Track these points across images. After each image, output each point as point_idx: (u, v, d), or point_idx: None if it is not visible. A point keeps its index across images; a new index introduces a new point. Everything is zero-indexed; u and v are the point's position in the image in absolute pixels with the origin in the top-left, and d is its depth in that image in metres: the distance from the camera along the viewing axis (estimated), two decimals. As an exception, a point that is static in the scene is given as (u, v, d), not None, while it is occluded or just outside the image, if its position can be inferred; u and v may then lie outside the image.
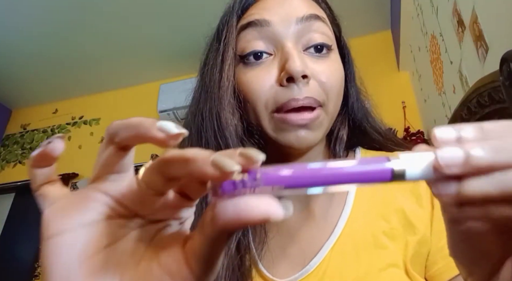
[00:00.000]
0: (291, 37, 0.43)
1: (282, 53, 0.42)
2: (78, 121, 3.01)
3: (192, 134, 0.46)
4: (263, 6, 0.45)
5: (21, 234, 2.64)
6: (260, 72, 0.42)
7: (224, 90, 0.44)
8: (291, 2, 0.45)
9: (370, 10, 2.33)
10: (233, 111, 0.43)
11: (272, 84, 0.42)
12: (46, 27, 2.34)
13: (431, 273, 0.42)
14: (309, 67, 0.42)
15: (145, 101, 2.85)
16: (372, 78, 2.73)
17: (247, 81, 0.43)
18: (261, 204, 0.16)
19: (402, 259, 0.42)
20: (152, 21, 2.34)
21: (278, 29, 0.43)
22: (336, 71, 0.45)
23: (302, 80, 0.40)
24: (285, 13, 0.43)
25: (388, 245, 0.43)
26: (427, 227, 0.43)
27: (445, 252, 0.41)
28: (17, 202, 2.81)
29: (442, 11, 1.27)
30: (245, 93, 0.43)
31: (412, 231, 0.43)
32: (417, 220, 0.44)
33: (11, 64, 2.67)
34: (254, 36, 0.43)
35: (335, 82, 0.44)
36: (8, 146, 3.06)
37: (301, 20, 0.43)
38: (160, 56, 2.65)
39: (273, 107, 0.42)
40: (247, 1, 0.46)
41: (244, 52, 0.44)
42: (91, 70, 2.79)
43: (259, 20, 0.43)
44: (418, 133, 1.98)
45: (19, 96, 3.06)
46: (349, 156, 0.50)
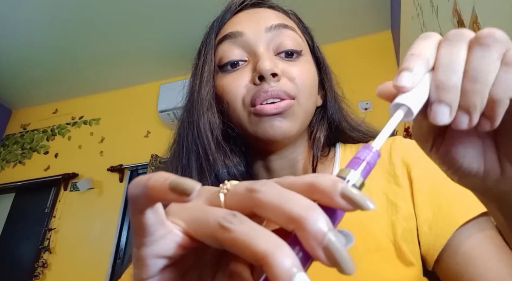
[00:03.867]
0: (262, 43, 0.47)
1: (255, 57, 0.47)
2: (78, 121, 3.01)
3: (177, 141, 0.51)
4: (236, 20, 0.51)
5: (21, 234, 2.64)
6: (236, 76, 0.47)
7: (203, 99, 0.48)
8: (261, 14, 0.50)
9: (370, 10, 2.33)
10: (212, 117, 0.48)
11: (247, 83, 0.46)
12: (46, 28, 2.34)
13: (425, 247, 0.42)
14: (280, 67, 0.46)
15: (145, 101, 2.85)
16: (372, 78, 2.74)
17: (225, 85, 0.48)
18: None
19: (391, 240, 0.43)
20: (152, 21, 2.34)
21: (250, 37, 0.48)
22: (306, 70, 0.48)
23: (272, 78, 0.44)
24: (255, 24, 0.49)
25: (372, 228, 0.44)
26: (409, 204, 0.44)
27: (430, 222, 0.42)
28: (17, 202, 2.81)
29: (442, 11, 1.27)
30: (224, 95, 0.47)
31: (394, 210, 0.44)
32: (398, 199, 0.45)
33: (11, 64, 2.67)
34: (230, 47, 0.48)
35: (306, 79, 0.48)
36: (8, 146, 3.06)
37: (270, 29, 0.48)
38: (160, 56, 2.66)
39: (249, 102, 0.45)
40: (223, 18, 0.52)
41: (222, 62, 0.48)
42: (91, 70, 2.79)
43: (233, 32, 0.49)
44: (418, 133, 1.98)
45: (19, 96, 3.06)
46: (330, 152, 0.54)
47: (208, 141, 0.47)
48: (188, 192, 0.18)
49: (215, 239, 0.19)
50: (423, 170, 0.45)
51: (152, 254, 0.21)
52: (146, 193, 0.19)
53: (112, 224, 2.49)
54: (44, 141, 3.00)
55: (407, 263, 0.41)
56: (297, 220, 0.18)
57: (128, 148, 2.73)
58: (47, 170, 2.84)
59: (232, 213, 0.19)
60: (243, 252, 0.18)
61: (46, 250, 2.48)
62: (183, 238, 0.21)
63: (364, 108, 2.24)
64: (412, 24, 1.79)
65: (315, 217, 0.17)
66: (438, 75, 0.23)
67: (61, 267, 2.44)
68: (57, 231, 2.56)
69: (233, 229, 0.18)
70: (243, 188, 0.20)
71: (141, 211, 0.20)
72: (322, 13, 2.28)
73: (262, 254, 0.17)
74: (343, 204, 0.18)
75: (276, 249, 0.17)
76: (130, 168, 2.68)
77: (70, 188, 2.71)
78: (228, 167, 0.47)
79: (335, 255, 0.17)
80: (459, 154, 0.27)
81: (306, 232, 0.17)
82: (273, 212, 0.18)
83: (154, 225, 0.20)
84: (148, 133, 2.75)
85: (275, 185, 0.19)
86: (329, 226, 0.17)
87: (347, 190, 0.18)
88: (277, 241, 0.17)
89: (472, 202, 0.40)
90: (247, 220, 0.18)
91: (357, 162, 0.21)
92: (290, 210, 0.18)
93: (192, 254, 0.22)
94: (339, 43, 2.46)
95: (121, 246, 2.45)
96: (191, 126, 0.49)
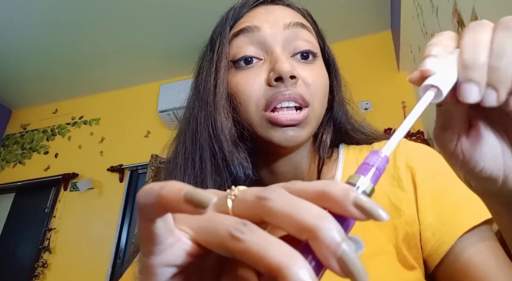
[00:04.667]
0: (279, 43, 0.46)
1: (272, 57, 0.45)
2: (78, 121, 3.01)
3: (186, 140, 0.48)
4: (253, 15, 0.49)
5: (21, 234, 2.64)
6: (251, 75, 0.45)
7: (219, 96, 0.46)
8: (279, 11, 0.49)
9: (370, 10, 2.33)
10: (227, 116, 0.46)
11: (262, 84, 0.45)
12: (47, 28, 2.35)
13: (427, 252, 0.42)
14: (297, 70, 0.45)
15: (145, 101, 2.85)
16: (372, 78, 2.73)
17: (238, 83, 0.46)
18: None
19: (393, 244, 0.43)
20: (152, 21, 2.34)
21: (267, 33, 0.46)
22: (321, 76, 0.48)
23: (290, 80, 0.43)
24: (273, 20, 0.47)
25: (375, 232, 0.43)
26: (412, 208, 0.44)
27: (434, 227, 0.42)
28: (17, 202, 2.81)
29: (442, 11, 1.27)
30: (237, 95, 0.46)
31: (397, 214, 0.44)
32: (401, 203, 0.45)
33: (11, 64, 2.67)
34: (245, 42, 0.47)
35: (320, 85, 0.47)
36: (8, 146, 3.06)
37: (288, 26, 0.47)
38: (160, 56, 2.66)
39: (263, 104, 0.44)
40: (240, 12, 0.50)
41: (236, 57, 0.47)
42: (91, 70, 2.79)
43: (250, 27, 0.47)
44: (418, 133, 1.98)
45: (19, 96, 3.06)
46: (334, 153, 0.54)
47: (226, 140, 0.45)
48: (204, 204, 0.17)
49: (226, 249, 0.19)
50: (428, 174, 0.45)
51: (161, 263, 0.20)
52: (159, 203, 0.18)
53: (112, 224, 2.49)
54: (44, 141, 3.00)
55: (409, 267, 0.41)
56: (311, 229, 0.17)
57: (128, 148, 2.73)
58: (47, 170, 2.84)
59: (242, 222, 0.19)
60: (256, 263, 0.17)
61: (46, 250, 2.48)
62: (192, 246, 0.21)
63: (364, 108, 2.24)
64: (412, 24, 1.79)
65: (328, 226, 0.17)
66: (465, 55, 0.24)
67: (61, 267, 2.44)
68: (57, 231, 2.56)
69: (244, 239, 0.18)
70: (252, 196, 0.19)
71: (151, 219, 0.19)
72: (322, 13, 2.27)
73: (277, 266, 0.16)
74: (356, 214, 0.18)
75: (290, 260, 0.16)
76: (130, 168, 2.68)
77: (70, 188, 2.71)
78: (244, 167, 0.45)
79: (349, 266, 0.17)
80: (483, 153, 0.27)
81: (320, 242, 0.17)
82: (285, 221, 0.18)
83: (163, 234, 0.20)
84: (148, 133, 2.75)
85: (285, 193, 0.19)
86: (342, 236, 0.17)
87: (359, 199, 0.18)
88: (291, 252, 0.17)
89: (476, 209, 0.40)
90: (258, 229, 0.18)
91: (366, 168, 0.21)
92: (302, 219, 0.18)
93: (196, 260, 0.22)
94: (339, 43, 2.46)
95: (121, 246, 2.45)
96: (207, 123, 0.46)
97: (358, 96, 1.71)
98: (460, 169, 0.29)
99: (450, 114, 0.27)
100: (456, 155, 0.28)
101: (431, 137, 1.92)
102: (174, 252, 0.20)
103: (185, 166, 0.47)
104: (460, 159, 0.28)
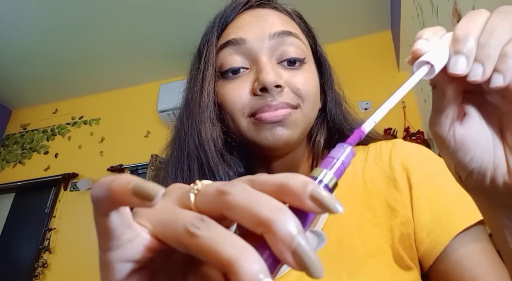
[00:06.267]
0: (265, 52, 0.46)
1: (257, 66, 0.46)
2: (78, 121, 3.01)
3: (175, 149, 0.50)
4: (239, 24, 0.49)
5: (21, 234, 2.64)
6: (237, 85, 0.46)
7: (204, 106, 0.47)
8: (265, 20, 0.49)
9: (370, 10, 2.33)
10: (213, 125, 0.47)
11: (247, 93, 0.45)
12: (46, 28, 2.34)
13: (421, 253, 0.42)
14: (283, 77, 0.45)
15: (145, 101, 2.85)
16: (372, 78, 2.73)
17: (225, 93, 0.47)
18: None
19: (389, 245, 0.43)
20: (152, 21, 2.34)
21: (253, 45, 0.47)
22: (310, 79, 0.48)
23: (275, 89, 0.44)
24: (259, 30, 0.47)
25: (372, 232, 0.44)
26: (407, 209, 0.44)
27: (428, 228, 0.42)
28: (17, 202, 2.81)
29: (442, 11, 1.27)
30: (224, 103, 0.47)
31: (393, 215, 0.44)
32: (396, 203, 0.45)
33: (11, 64, 2.67)
34: (231, 53, 0.47)
35: (310, 89, 0.47)
36: (8, 146, 3.06)
37: (274, 36, 0.47)
38: (160, 56, 2.66)
39: (249, 113, 0.45)
40: (225, 21, 0.50)
41: (223, 68, 0.47)
42: (91, 70, 2.79)
43: (236, 39, 0.47)
44: (418, 133, 1.98)
45: (19, 96, 3.06)
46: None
47: (210, 150, 0.46)
48: (151, 197, 0.17)
49: (182, 245, 0.18)
50: (423, 175, 0.45)
51: (119, 259, 0.20)
52: (109, 196, 0.18)
53: (112, 224, 2.49)
54: (44, 141, 3.00)
55: (406, 267, 0.42)
56: (266, 223, 0.17)
57: (128, 148, 2.73)
58: (47, 170, 2.84)
59: (200, 217, 0.18)
60: (208, 259, 0.17)
61: (46, 250, 2.48)
62: (151, 241, 0.20)
63: (364, 108, 2.24)
64: (412, 24, 1.79)
65: (284, 219, 0.17)
66: (457, 30, 0.26)
67: (61, 267, 2.44)
68: (57, 231, 2.56)
69: (199, 235, 0.17)
70: (214, 189, 0.19)
71: (105, 214, 0.19)
72: (322, 13, 2.27)
73: (227, 261, 0.16)
74: (312, 207, 0.18)
75: (241, 255, 0.16)
76: (130, 168, 2.68)
77: (70, 188, 2.71)
78: (230, 176, 0.46)
79: (304, 259, 0.16)
80: (475, 142, 0.27)
81: (274, 235, 0.17)
82: (242, 215, 0.18)
83: (119, 228, 0.19)
84: (148, 133, 2.75)
85: (246, 187, 0.19)
86: (299, 229, 0.17)
87: (316, 192, 0.18)
88: (244, 246, 0.16)
89: (470, 210, 0.41)
90: (215, 225, 0.18)
91: (330, 162, 0.20)
92: (259, 213, 0.17)
93: (162, 255, 0.21)
94: (339, 43, 2.46)
95: (121, 246, 2.45)
96: (192, 133, 0.47)
97: (358, 96, 1.72)
98: (450, 158, 0.29)
99: (443, 96, 0.28)
100: (448, 141, 0.28)
101: (431, 137, 1.91)
102: (133, 247, 0.20)
103: (175, 174, 0.48)
104: (452, 145, 0.28)
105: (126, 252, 0.20)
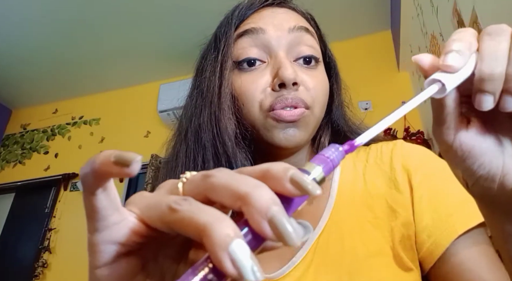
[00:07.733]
0: (283, 47, 0.46)
1: (275, 61, 0.46)
2: (78, 121, 3.01)
3: (188, 139, 0.48)
4: (258, 16, 0.49)
5: (21, 234, 2.64)
6: (255, 77, 0.46)
7: (224, 96, 0.46)
8: (284, 14, 0.49)
9: (370, 10, 2.33)
10: (230, 117, 0.46)
11: (265, 87, 0.45)
12: (47, 28, 2.34)
13: (422, 254, 0.42)
14: (299, 76, 0.45)
15: (145, 101, 2.85)
16: (372, 78, 2.72)
17: (242, 85, 0.46)
18: None
19: (390, 246, 0.43)
20: (152, 21, 2.34)
21: (272, 36, 0.47)
22: (322, 81, 0.48)
23: (292, 87, 0.44)
24: (278, 23, 0.48)
25: (373, 233, 0.44)
26: (408, 210, 0.44)
27: (429, 230, 0.42)
28: (17, 202, 2.81)
29: (442, 11, 1.27)
30: (241, 96, 0.46)
31: (394, 216, 0.45)
32: (397, 205, 0.45)
33: (11, 64, 2.67)
34: (249, 43, 0.47)
35: (321, 90, 0.47)
36: (8, 146, 3.06)
37: (293, 30, 0.47)
38: (160, 56, 2.66)
39: (267, 106, 0.45)
40: (245, 13, 0.50)
41: (239, 58, 0.47)
42: (91, 70, 2.79)
43: (255, 28, 0.47)
44: (418, 133, 1.98)
45: (19, 96, 3.06)
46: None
47: (230, 141, 0.45)
48: (129, 162, 0.18)
49: (165, 222, 0.19)
50: (424, 177, 0.45)
51: (105, 240, 0.21)
52: (94, 169, 0.19)
53: (112, 224, 2.49)
54: (44, 141, 3.00)
55: (406, 268, 0.42)
56: (243, 196, 0.18)
57: (128, 148, 2.71)
58: (47, 170, 2.84)
59: (183, 197, 0.19)
60: (187, 230, 0.18)
61: (46, 250, 2.48)
62: (138, 225, 0.21)
63: (364, 108, 2.24)
64: (412, 24, 1.79)
65: (260, 192, 0.18)
66: (483, 66, 0.24)
67: (61, 267, 2.44)
68: (57, 231, 2.56)
69: (179, 209, 0.18)
70: (200, 175, 0.20)
71: (92, 191, 0.20)
72: (322, 13, 2.26)
73: (203, 226, 0.17)
74: (292, 190, 0.18)
75: (216, 220, 0.17)
76: (130, 168, 2.68)
77: (70, 188, 2.71)
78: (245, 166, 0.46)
79: (279, 228, 0.17)
80: (483, 149, 0.27)
81: (251, 206, 0.17)
82: (223, 193, 0.19)
83: (106, 208, 0.21)
84: (148, 133, 2.75)
85: (230, 171, 0.20)
86: (275, 201, 0.17)
87: (296, 176, 0.18)
88: (218, 215, 0.17)
89: (471, 212, 0.41)
90: (196, 202, 0.19)
91: (320, 159, 0.21)
92: (237, 188, 0.18)
93: (152, 246, 0.22)
94: (339, 43, 2.46)
95: (121, 246, 2.45)
96: (210, 124, 0.46)
97: (358, 96, 1.72)
98: (457, 166, 0.28)
99: (442, 109, 0.27)
100: (454, 150, 0.27)
101: (431, 137, 1.92)
102: (119, 229, 0.21)
103: (186, 166, 0.47)
104: (459, 155, 0.27)
105: (113, 233, 0.21)
